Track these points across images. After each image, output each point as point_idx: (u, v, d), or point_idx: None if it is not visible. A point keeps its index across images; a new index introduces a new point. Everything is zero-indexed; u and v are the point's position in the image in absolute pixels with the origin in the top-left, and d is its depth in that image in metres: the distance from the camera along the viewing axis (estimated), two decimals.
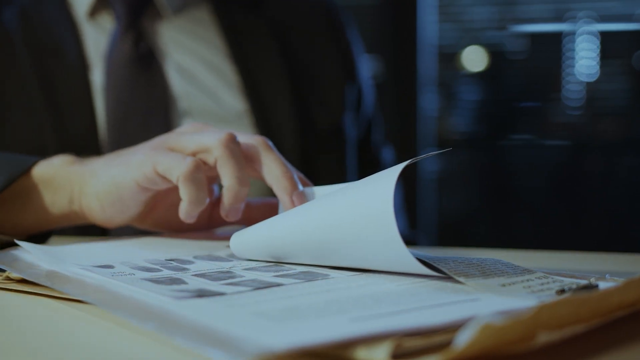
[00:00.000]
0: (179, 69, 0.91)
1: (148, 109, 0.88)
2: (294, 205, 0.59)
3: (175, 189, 0.63)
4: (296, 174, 0.62)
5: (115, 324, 0.46)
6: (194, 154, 0.60)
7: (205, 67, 0.92)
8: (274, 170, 0.60)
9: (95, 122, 0.87)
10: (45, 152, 0.84)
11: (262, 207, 0.68)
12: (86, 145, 0.86)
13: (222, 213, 0.61)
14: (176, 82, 0.90)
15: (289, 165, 0.62)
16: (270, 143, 0.62)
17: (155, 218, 0.67)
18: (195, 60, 0.92)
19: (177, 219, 0.64)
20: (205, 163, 0.60)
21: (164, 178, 0.60)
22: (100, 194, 0.62)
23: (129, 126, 0.87)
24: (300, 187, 0.60)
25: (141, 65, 0.89)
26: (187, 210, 0.59)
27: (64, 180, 0.65)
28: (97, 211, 0.63)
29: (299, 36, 1.00)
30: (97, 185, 0.62)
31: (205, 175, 0.60)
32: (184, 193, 0.58)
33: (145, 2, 0.91)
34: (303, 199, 0.60)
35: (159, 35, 0.92)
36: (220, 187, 0.63)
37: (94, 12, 0.91)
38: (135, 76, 0.88)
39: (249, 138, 0.62)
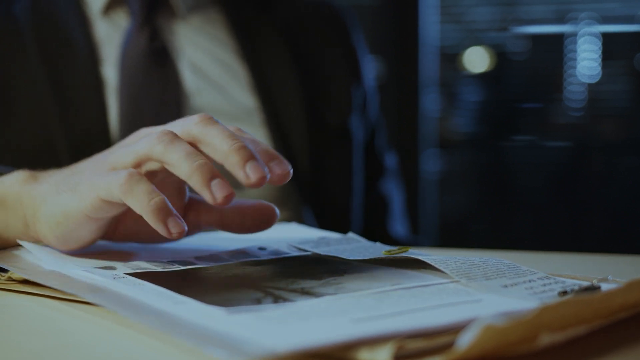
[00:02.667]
0: (192, 66, 0.92)
1: (161, 105, 0.88)
2: (249, 181, 0.50)
3: None
4: (254, 145, 0.54)
5: (115, 324, 0.46)
6: (137, 167, 0.54)
7: (217, 65, 0.93)
8: (219, 146, 0.52)
9: (106, 117, 0.86)
10: (53, 147, 0.84)
11: (256, 209, 0.61)
12: (95, 140, 0.86)
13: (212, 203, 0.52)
14: (189, 79, 0.91)
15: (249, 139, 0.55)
16: (216, 119, 0.54)
17: (124, 233, 0.61)
18: (207, 59, 0.93)
19: (147, 230, 0.58)
20: (153, 171, 0.54)
21: (110, 203, 0.54)
22: (52, 224, 0.57)
23: (142, 122, 0.86)
24: (257, 156, 0.52)
25: (155, 61, 0.89)
26: (150, 221, 0.52)
27: (15, 202, 0.59)
28: (52, 240, 0.58)
29: (307, 37, 1.01)
30: (47, 214, 0.57)
31: (159, 180, 0.55)
32: (133, 207, 0.52)
33: (159, 0, 0.92)
34: (258, 170, 0.50)
35: (173, 33, 0.93)
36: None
37: (108, 8, 0.92)
38: (149, 72, 0.88)
39: (187, 121, 0.54)
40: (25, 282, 0.54)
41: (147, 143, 0.53)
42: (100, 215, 0.55)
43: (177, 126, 0.54)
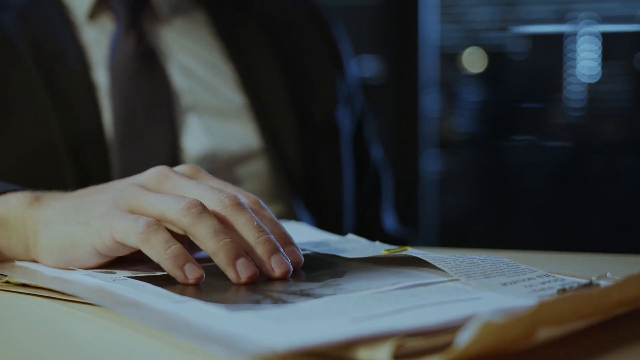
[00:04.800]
0: (180, 67, 0.93)
1: (153, 105, 0.89)
2: (273, 274, 0.53)
3: None
4: (272, 226, 0.56)
5: (115, 324, 0.46)
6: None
7: (204, 66, 0.94)
8: (246, 237, 0.54)
9: (100, 119, 0.87)
10: (54, 147, 0.84)
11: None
12: (93, 140, 0.86)
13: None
14: (178, 79, 0.92)
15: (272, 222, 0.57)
16: (241, 199, 0.56)
17: (132, 259, 0.60)
18: (194, 60, 0.94)
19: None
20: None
21: (124, 245, 0.54)
22: (54, 251, 0.57)
23: (135, 122, 0.87)
24: (281, 249, 0.55)
25: (144, 63, 0.90)
26: (167, 270, 0.53)
27: (18, 224, 0.60)
28: (51, 264, 0.58)
29: (289, 32, 1.03)
30: (50, 241, 0.57)
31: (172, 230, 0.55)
32: (150, 256, 0.53)
33: (143, 2, 0.93)
34: (282, 264, 0.53)
35: (159, 36, 0.94)
36: None
37: (93, 13, 0.92)
38: (138, 74, 0.89)
39: (216, 199, 0.55)
40: (24, 285, 0.54)
41: (175, 210, 0.54)
42: (112, 254, 0.56)
43: (206, 197, 0.55)
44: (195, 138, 0.89)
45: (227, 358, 0.36)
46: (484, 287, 0.48)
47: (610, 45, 2.40)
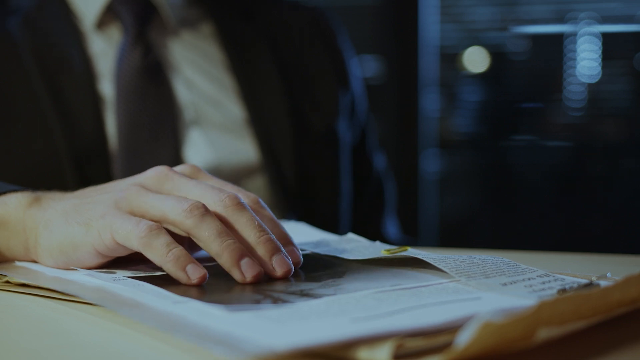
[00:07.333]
0: (185, 80, 0.93)
1: (157, 119, 0.89)
2: (275, 274, 0.54)
3: None
4: (272, 225, 0.57)
5: (116, 324, 0.46)
6: (157, 222, 0.55)
7: (208, 80, 0.94)
8: (247, 236, 0.55)
9: (104, 131, 0.87)
10: (57, 156, 0.84)
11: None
12: (96, 152, 0.86)
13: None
14: (182, 93, 0.92)
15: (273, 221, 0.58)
16: (242, 199, 0.56)
17: (130, 258, 0.60)
18: (199, 73, 0.94)
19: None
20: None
21: (124, 246, 0.55)
22: (54, 252, 0.57)
23: (139, 135, 0.87)
24: (282, 248, 0.55)
25: (150, 76, 0.90)
26: (170, 272, 0.53)
27: (18, 225, 0.60)
28: (51, 265, 0.58)
29: (292, 44, 1.03)
30: (50, 242, 0.57)
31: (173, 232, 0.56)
32: (152, 259, 0.54)
33: (151, 13, 0.93)
34: (284, 264, 0.54)
35: (167, 48, 0.93)
36: None
37: (101, 23, 0.92)
38: (144, 88, 0.89)
39: (217, 199, 0.56)
40: (24, 285, 0.54)
41: (177, 212, 0.54)
42: (113, 254, 0.56)
43: (206, 197, 0.56)
44: (199, 151, 0.89)
45: (227, 358, 0.36)
46: (484, 288, 0.48)
47: (610, 45, 2.40)
